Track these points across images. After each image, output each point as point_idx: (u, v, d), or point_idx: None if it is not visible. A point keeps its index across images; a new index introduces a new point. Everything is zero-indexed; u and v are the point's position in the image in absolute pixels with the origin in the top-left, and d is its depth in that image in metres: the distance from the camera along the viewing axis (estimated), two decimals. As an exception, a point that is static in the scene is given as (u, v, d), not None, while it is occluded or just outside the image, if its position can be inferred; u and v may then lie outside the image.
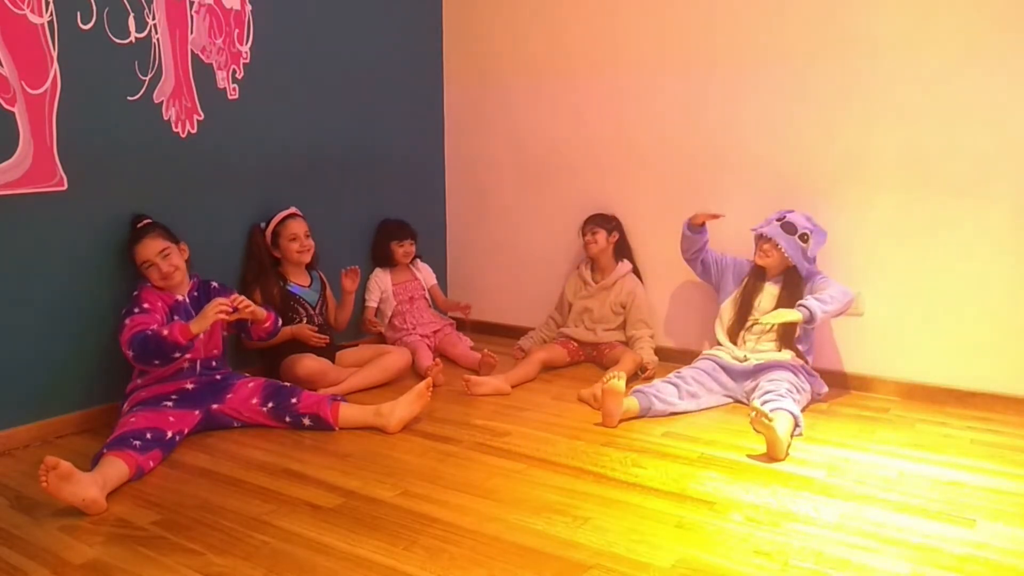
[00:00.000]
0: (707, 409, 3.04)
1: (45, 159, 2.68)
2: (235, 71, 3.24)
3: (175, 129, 3.05)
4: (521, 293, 4.12)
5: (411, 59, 4.05)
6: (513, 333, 3.98)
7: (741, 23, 3.37)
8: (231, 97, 3.23)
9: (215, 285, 2.93)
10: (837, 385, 3.25)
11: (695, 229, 3.26)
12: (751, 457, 2.58)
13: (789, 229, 3.06)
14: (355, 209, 3.80)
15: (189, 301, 2.82)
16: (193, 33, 3.07)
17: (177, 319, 2.72)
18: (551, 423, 2.90)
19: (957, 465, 2.53)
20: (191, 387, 2.77)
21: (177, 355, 2.63)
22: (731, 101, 3.43)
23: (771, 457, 2.56)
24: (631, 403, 2.90)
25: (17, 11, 2.57)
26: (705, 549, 2.00)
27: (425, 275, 3.94)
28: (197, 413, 2.73)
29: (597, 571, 1.89)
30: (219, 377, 2.86)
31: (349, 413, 2.83)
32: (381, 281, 3.81)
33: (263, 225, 3.35)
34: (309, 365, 3.19)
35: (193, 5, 3.06)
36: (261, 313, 2.85)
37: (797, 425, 2.73)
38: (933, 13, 2.99)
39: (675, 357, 3.57)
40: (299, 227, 3.33)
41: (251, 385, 2.85)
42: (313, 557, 1.96)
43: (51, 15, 2.65)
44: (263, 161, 3.38)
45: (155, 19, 2.94)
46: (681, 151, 3.58)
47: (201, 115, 3.13)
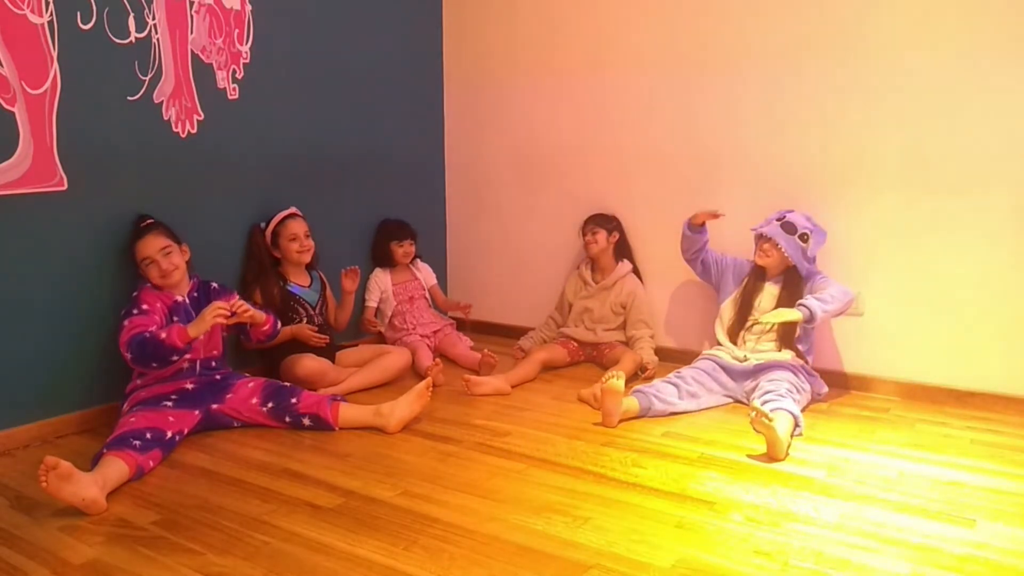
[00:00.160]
0: (707, 409, 3.04)
1: (45, 159, 2.68)
2: (235, 71, 3.24)
3: (175, 129, 3.05)
4: (521, 293, 4.12)
5: (411, 59, 4.05)
6: (513, 333, 3.98)
7: (741, 23, 3.37)
8: (231, 97, 3.23)
9: (215, 286, 2.93)
10: (837, 385, 3.25)
11: (695, 229, 3.26)
12: (751, 457, 2.58)
13: (789, 229, 3.07)
14: (355, 209, 3.80)
15: (189, 302, 2.82)
16: (193, 33, 3.07)
17: (177, 320, 2.73)
18: (551, 423, 2.90)
19: (957, 465, 2.53)
20: (191, 387, 2.77)
21: (175, 358, 2.64)
22: (731, 101, 3.43)
23: (771, 457, 2.56)
24: (631, 403, 2.90)
25: (17, 11, 2.57)
26: (705, 549, 2.00)
27: (425, 275, 3.94)
28: (197, 413, 2.73)
29: (597, 571, 1.89)
30: (219, 377, 2.86)
31: (349, 413, 2.83)
32: (381, 281, 3.80)
33: (263, 225, 3.35)
34: (309, 365, 3.19)
35: (193, 5, 3.06)
36: (260, 317, 2.86)
37: (797, 425, 2.73)
38: (933, 13, 2.99)
39: (675, 357, 3.57)
40: (299, 227, 3.33)
41: (251, 385, 2.85)
42: (313, 557, 1.96)
43: (51, 15, 2.65)
44: (263, 161, 3.38)
45: (155, 19, 2.94)
46: (681, 151, 3.58)
47: (201, 115, 3.13)
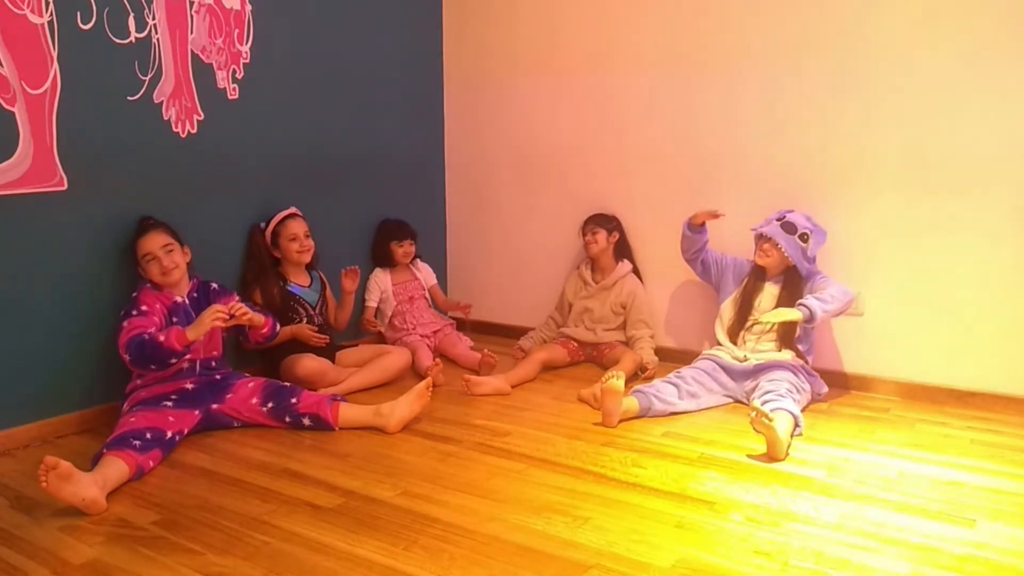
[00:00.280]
0: (707, 409, 3.04)
1: (45, 159, 2.68)
2: (235, 71, 3.24)
3: (175, 129, 3.05)
4: (521, 293, 4.12)
5: (411, 59, 4.05)
6: (513, 333, 3.98)
7: (741, 23, 3.36)
8: (231, 97, 3.23)
9: (215, 287, 2.93)
10: (837, 385, 3.25)
11: (695, 229, 3.26)
12: (751, 457, 2.58)
13: (789, 229, 3.07)
14: (355, 209, 3.80)
15: (188, 302, 2.82)
16: (193, 33, 3.07)
17: (176, 321, 2.73)
18: (551, 423, 2.90)
19: (957, 465, 2.53)
20: (191, 387, 2.77)
21: (173, 360, 2.64)
22: (731, 101, 3.43)
23: (771, 457, 2.56)
24: (631, 403, 2.90)
25: (17, 11, 2.57)
26: (705, 549, 2.00)
27: (425, 275, 3.94)
28: (197, 413, 2.73)
29: (597, 571, 1.89)
30: (219, 377, 2.86)
31: (349, 413, 2.83)
32: (381, 281, 3.80)
33: (263, 225, 3.35)
34: (309, 365, 3.19)
35: (193, 5, 3.06)
36: (259, 320, 2.86)
37: (797, 425, 2.73)
38: (933, 13, 2.99)
39: (675, 357, 3.57)
40: (299, 227, 3.33)
41: (251, 385, 2.85)
42: (313, 557, 1.96)
43: (51, 15, 2.65)
44: (263, 161, 3.38)
45: (155, 19, 2.94)
46: (681, 151, 3.58)
47: (201, 115, 3.13)
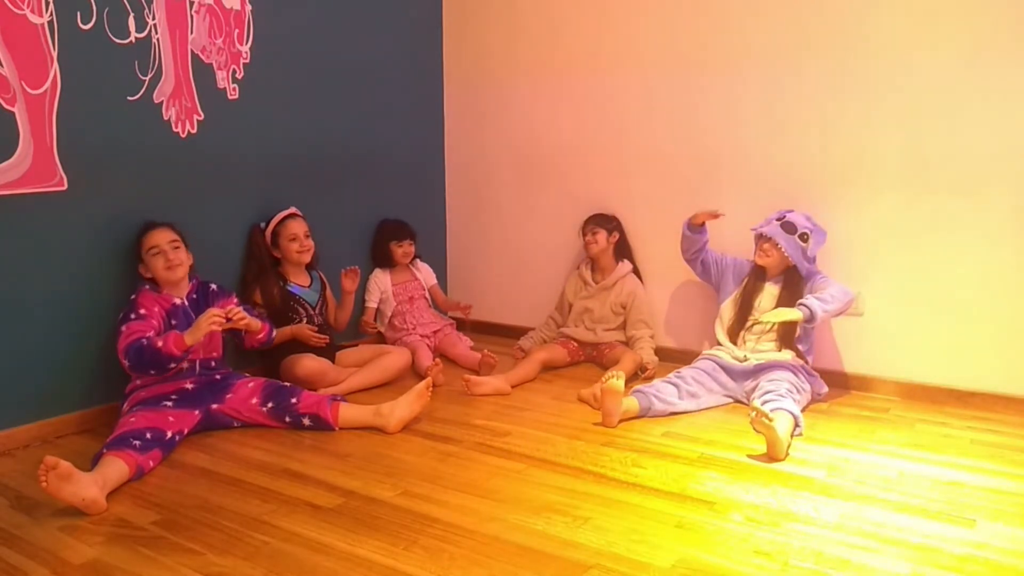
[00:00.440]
0: (707, 409, 3.04)
1: (45, 159, 2.68)
2: (235, 71, 3.24)
3: (175, 129, 3.05)
4: (521, 293, 4.12)
5: (411, 59, 4.05)
6: (513, 333, 3.98)
7: (741, 23, 3.36)
8: (231, 97, 3.23)
9: (214, 288, 2.93)
10: (837, 385, 3.25)
11: (695, 229, 3.26)
12: (751, 457, 2.58)
13: (789, 228, 3.06)
14: (355, 209, 3.80)
15: (188, 304, 2.82)
16: (193, 33, 3.07)
17: (175, 324, 2.74)
18: (551, 423, 2.90)
19: (957, 465, 2.53)
20: (191, 387, 2.77)
21: (172, 365, 2.65)
22: (731, 101, 3.43)
23: (771, 457, 2.56)
24: (631, 403, 2.90)
25: (17, 11, 2.57)
26: (705, 549, 2.00)
27: (425, 275, 3.94)
28: (197, 413, 2.73)
29: (597, 571, 1.89)
30: (219, 377, 2.86)
31: (349, 413, 2.83)
32: (381, 282, 3.80)
33: (263, 225, 3.35)
34: (309, 365, 3.19)
35: (193, 5, 3.06)
36: (256, 325, 2.86)
37: (797, 425, 2.73)
38: (933, 13, 2.99)
39: (675, 357, 3.56)
40: (299, 227, 3.33)
41: (251, 385, 2.85)
42: (313, 557, 1.96)
43: (51, 15, 2.65)
44: (263, 161, 3.38)
45: (155, 19, 2.94)
46: (681, 151, 3.58)
47: (201, 115, 3.13)
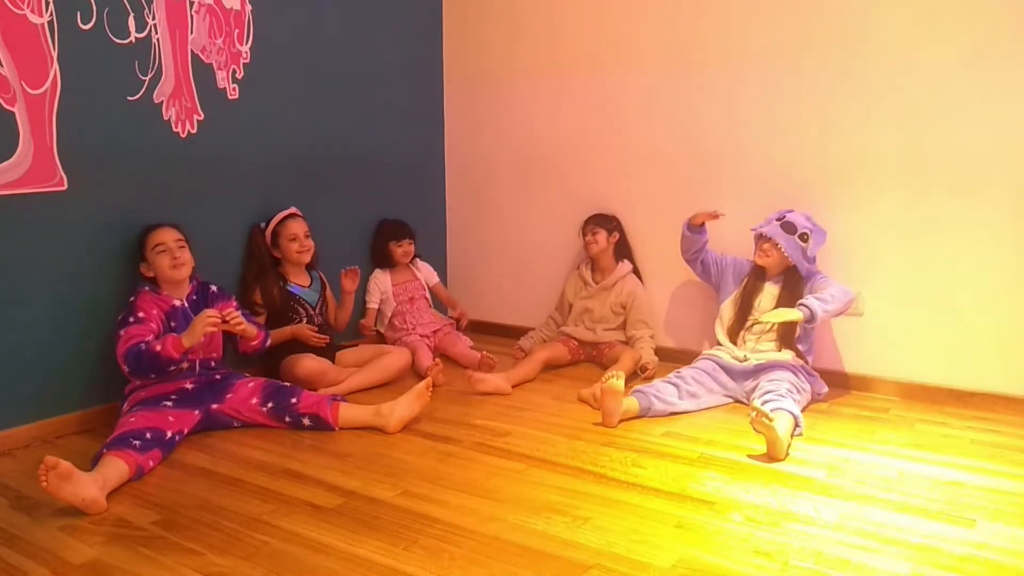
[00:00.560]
0: (707, 409, 3.04)
1: (45, 159, 2.68)
2: (235, 71, 3.24)
3: (175, 129, 3.05)
4: (521, 293, 4.12)
5: (411, 59, 4.05)
6: (513, 333, 3.98)
7: (741, 23, 3.36)
8: (231, 97, 3.23)
9: (214, 289, 2.92)
10: (837, 385, 3.25)
11: (695, 229, 3.26)
12: (751, 457, 2.58)
13: (789, 229, 3.06)
14: (355, 209, 3.80)
15: (188, 305, 2.82)
16: (193, 33, 3.07)
17: (175, 326, 2.74)
18: (551, 423, 2.90)
19: (957, 465, 2.53)
20: (191, 387, 2.77)
21: (172, 368, 2.65)
22: (731, 101, 3.43)
23: (771, 457, 2.56)
24: (631, 403, 2.90)
25: (17, 11, 2.57)
26: (705, 549, 2.00)
27: (426, 274, 3.94)
28: (197, 413, 2.73)
29: (597, 571, 1.89)
30: (219, 377, 2.86)
31: (349, 413, 2.83)
32: (381, 282, 3.80)
33: (263, 225, 3.35)
34: (309, 365, 3.19)
35: (193, 5, 3.06)
36: (251, 331, 2.85)
37: (797, 425, 2.73)
38: (933, 13, 2.99)
39: (675, 357, 3.56)
40: (299, 227, 3.33)
41: (251, 385, 2.85)
42: (313, 557, 1.96)
43: (51, 15, 2.65)
44: (263, 161, 3.38)
45: (155, 19, 2.94)
46: (681, 151, 3.58)
47: (201, 115, 3.13)
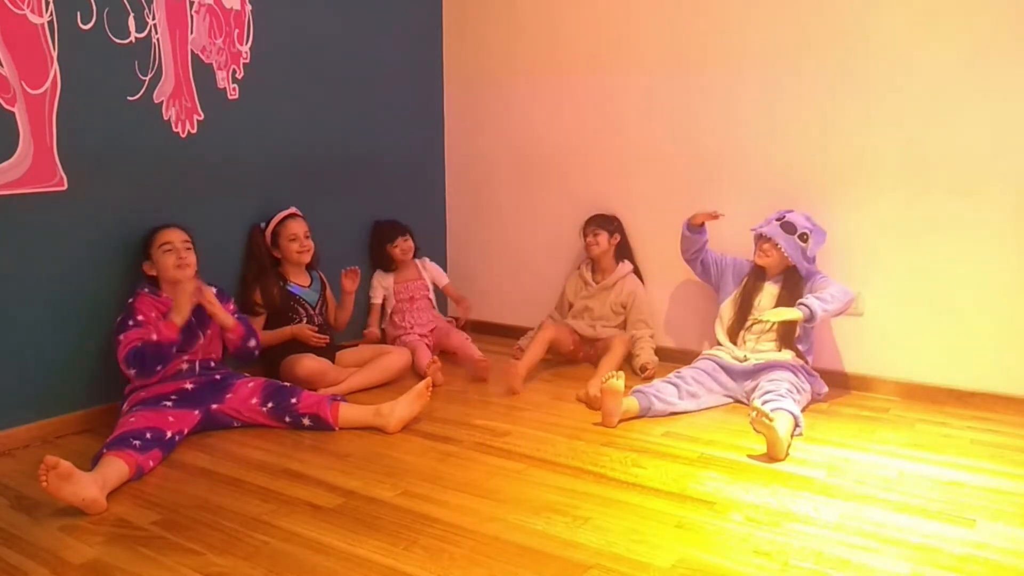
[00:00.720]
0: (707, 409, 3.04)
1: (45, 159, 2.68)
2: (235, 71, 3.24)
3: (175, 129, 3.05)
4: (521, 293, 4.12)
5: (411, 59, 4.05)
6: (513, 333, 3.98)
7: (741, 23, 3.36)
8: (231, 97, 3.23)
9: (213, 290, 2.91)
10: (837, 385, 3.25)
11: (694, 229, 3.26)
12: (751, 457, 2.58)
13: (788, 228, 3.06)
14: (355, 209, 3.80)
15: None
16: (193, 33, 3.07)
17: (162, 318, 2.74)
18: (551, 423, 2.90)
19: (957, 465, 2.53)
20: (190, 387, 2.77)
21: (174, 351, 2.67)
22: (731, 101, 3.43)
23: (771, 457, 2.56)
24: (631, 403, 2.89)
25: (17, 11, 2.57)
26: (705, 549, 2.00)
27: (435, 275, 3.93)
28: (197, 413, 2.73)
29: (597, 571, 1.89)
30: (219, 377, 2.86)
31: (349, 413, 2.83)
32: (383, 279, 3.82)
33: (263, 225, 3.35)
34: (309, 365, 3.19)
35: (193, 5, 3.06)
36: (228, 321, 2.84)
37: (797, 425, 2.73)
38: (933, 13, 2.99)
39: (675, 357, 3.56)
40: (299, 227, 3.33)
41: (251, 385, 2.85)
42: (313, 557, 1.96)
43: (51, 15, 2.65)
44: (263, 161, 3.38)
45: (155, 19, 2.94)
46: (681, 151, 3.58)
47: (201, 115, 3.13)
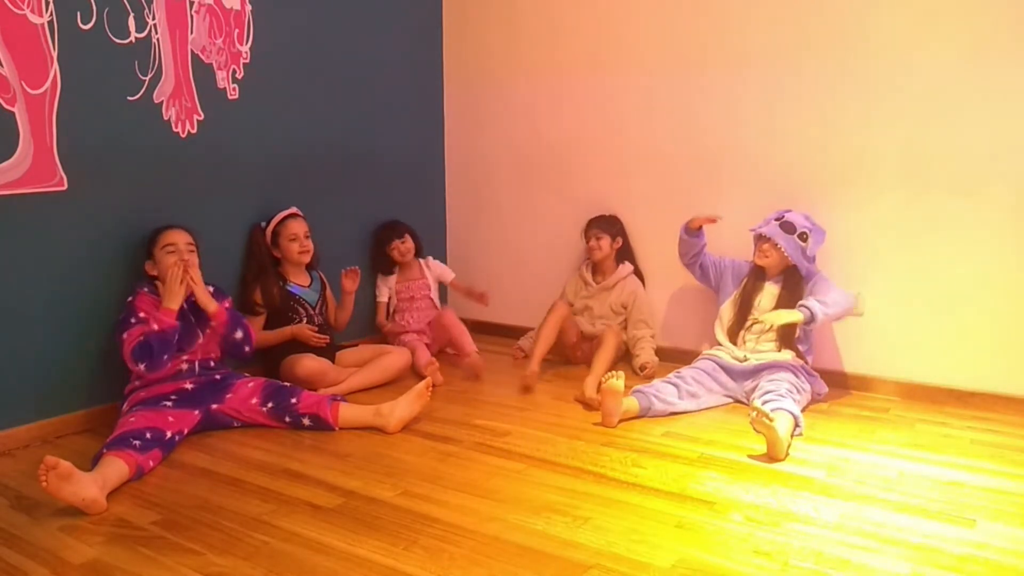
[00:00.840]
0: (707, 409, 3.04)
1: (45, 159, 2.68)
2: (235, 71, 3.24)
3: (175, 129, 3.05)
4: (521, 293, 4.12)
5: (411, 59, 4.05)
6: (513, 333, 3.98)
7: (741, 23, 3.36)
8: (231, 97, 3.23)
9: (211, 290, 2.91)
10: (837, 385, 3.25)
11: (692, 233, 3.26)
12: (751, 457, 2.58)
13: (788, 228, 3.06)
14: (355, 209, 3.80)
15: (186, 306, 2.81)
16: (193, 33, 3.07)
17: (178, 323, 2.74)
18: (551, 423, 2.91)
19: (957, 465, 2.53)
20: (190, 387, 2.77)
21: (176, 336, 2.69)
22: (731, 101, 3.43)
23: (771, 457, 2.56)
24: (631, 403, 2.90)
25: (17, 11, 2.57)
26: (705, 549, 2.00)
27: (440, 273, 3.94)
28: (197, 413, 2.73)
29: (597, 571, 1.89)
30: (219, 377, 2.86)
31: (349, 413, 2.83)
32: (387, 280, 3.83)
33: (263, 225, 3.35)
34: (309, 365, 3.19)
35: (193, 5, 3.06)
36: (211, 306, 2.82)
37: (797, 425, 2.73)
38: (933, 13, 2.99)
39: (675, 357, 3.56)
40: (299, 227, 3.33)
41: (251, 385, 2.85)
42: (313, 557, 1.96)
43: (51, 15, 2.65)
44: (263, 161, 3.38)
45: (155, 19, 2.94)
46: (681, 151, 3.58)
47: (201, 115, 3.13)
